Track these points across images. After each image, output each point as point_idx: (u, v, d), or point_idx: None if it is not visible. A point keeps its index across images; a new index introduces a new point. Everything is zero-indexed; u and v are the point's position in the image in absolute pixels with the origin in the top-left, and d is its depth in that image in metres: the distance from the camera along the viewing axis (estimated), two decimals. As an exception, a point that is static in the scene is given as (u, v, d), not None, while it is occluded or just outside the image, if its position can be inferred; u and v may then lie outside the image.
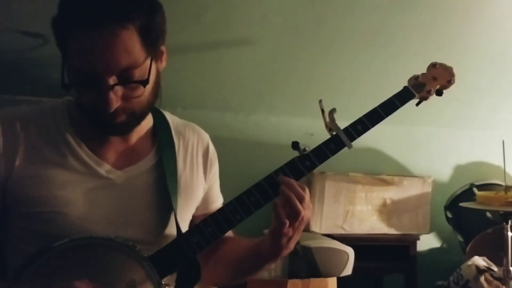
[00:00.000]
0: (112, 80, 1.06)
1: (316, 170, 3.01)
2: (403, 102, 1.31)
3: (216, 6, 2.57)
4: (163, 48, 1.18)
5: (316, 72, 3.06)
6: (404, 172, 3.44)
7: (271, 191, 1.17)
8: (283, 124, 3.27)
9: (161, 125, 1.28)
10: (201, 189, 1.32)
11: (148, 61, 1.11)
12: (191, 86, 2.96)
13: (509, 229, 2.48)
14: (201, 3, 2.55)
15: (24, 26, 2.48)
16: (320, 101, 1.25)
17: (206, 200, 1.35)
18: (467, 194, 3.22)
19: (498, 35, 3.00)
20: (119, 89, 1.08)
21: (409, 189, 3.27)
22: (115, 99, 1.08)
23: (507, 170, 2.84)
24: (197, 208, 1.33)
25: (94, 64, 1.05)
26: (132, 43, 1.06)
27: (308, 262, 2.56)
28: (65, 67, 1.10)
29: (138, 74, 1.09)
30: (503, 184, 2.72)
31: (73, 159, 1.17)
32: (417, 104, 1.36)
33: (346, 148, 1.23)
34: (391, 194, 3.24)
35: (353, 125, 1.24)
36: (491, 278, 2.79)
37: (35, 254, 1.06)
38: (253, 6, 2.60)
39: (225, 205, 1.18)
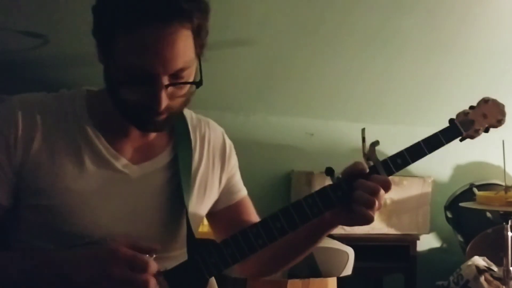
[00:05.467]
0: (166, 79, 1.05)
1: (316, 170, 3.04)
2: (448, 140, 1.25)
3: (216, 6, 2.57)
4: None
5: (316, 72, 3.06)
6: (404, 172, 3.40)
7: (297, 218, 1.12)
8: (283, 124, 3.27)
9: (179, 120, 1.26)
10: (217, 185, 1.30)
11: (197, 62, 1.10)
12: (191, 86, 2.96)
13: (509, 229, 2.48)
14: (201, 3, 2.55)
15: (24, 26, 2.48)
16: (363, 129, 1.20)
17: (228, 190, 1.33)
18: (467, 194, 3.22)
19: (497, 35, 3.00)
20: (170, 88, 1.07)
21: (409, 189, 3.27)
22: (165, 98, 1.06)
23: (507, 170, 2.84)
24: (220, 202, 1.31)
25: (152, 62, 1.03)
26: (189, 44, 1.06)
27: (308, 262, 2.55)
28: (109, 61, 1.08)
29: (186, 74, 1.08)
30: (503, 184, 2.72)
31: (89, 151, 1.15)
32: (461, 140, 1.30)
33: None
34: (391, 194, 3.23)
35: (392, 158, 1.19)
36: (491, 278, 2.79)
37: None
38: (253, 6, 2.60)
39: (249, 228, 1.13)
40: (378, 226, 3.20)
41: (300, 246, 1.26)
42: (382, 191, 1.10)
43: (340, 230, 3.10)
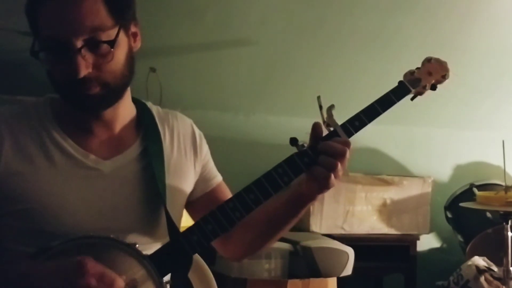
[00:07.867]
0: (79, 43, 1.08)
1: (316, 170, 3.03)
2: (399, 98, 1.31)
3: (216, 6, 2.57)
4: (135, 28, 1.19)
5: (316, 72, 3.06)
6: (404, 172, 3.44)
7: (270, 188, 1.17)
8: (282, 124, 3.27)
9: (144, 114, 1.28)
10: (192, 172, 1.31)
11: (116, 28, 1.13)
12: (191, 86, 2.96)
13: (509, 229, 2.48)
14: (201, 3, 2.56)
15: (24, 26, 2.48)
16: (319, 97, 1.26)
17: (204, 178, 1.35)
18: (467, 194, 3.22)
19: (498, 35, 3.00)
20: (87, 55, 1.09)
21: (409, 189, 3.27)
22: (84, 64, 1.09)
23: (507, 170, 2.84)
24: (196, 190, 1.33)
25: (60, 27, 1.08)
26: (97, 7, 1.10)
27: (308, 262, 2.56)
28: (35, 42, 1.14)
29: (105, 39, 1.11)
30: (503, 184, 2.72)
31: (59, 153, 1.17)
32: (412, 99, 1.38)
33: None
34: (391, 194, 3.24)
35: (350, 121, 1.25)
36: (491, 278, 2.79)
37: (33, 255, 1.05)
38: (253, 6, 2.61)
39: (225, 202, 1.17)
40: (378, 226, 3.20)
41: (282, 222, 1.28)
42: (344, 153, 1.16)
43: (340, 230, 3.11)
